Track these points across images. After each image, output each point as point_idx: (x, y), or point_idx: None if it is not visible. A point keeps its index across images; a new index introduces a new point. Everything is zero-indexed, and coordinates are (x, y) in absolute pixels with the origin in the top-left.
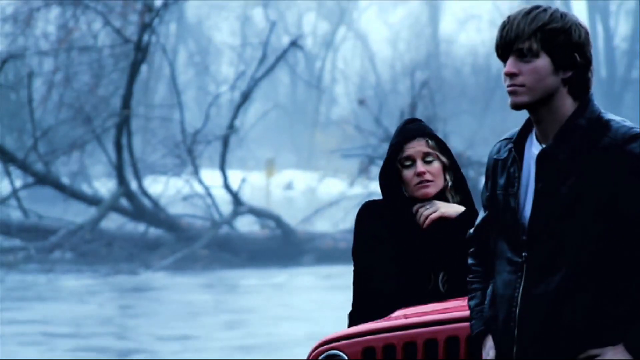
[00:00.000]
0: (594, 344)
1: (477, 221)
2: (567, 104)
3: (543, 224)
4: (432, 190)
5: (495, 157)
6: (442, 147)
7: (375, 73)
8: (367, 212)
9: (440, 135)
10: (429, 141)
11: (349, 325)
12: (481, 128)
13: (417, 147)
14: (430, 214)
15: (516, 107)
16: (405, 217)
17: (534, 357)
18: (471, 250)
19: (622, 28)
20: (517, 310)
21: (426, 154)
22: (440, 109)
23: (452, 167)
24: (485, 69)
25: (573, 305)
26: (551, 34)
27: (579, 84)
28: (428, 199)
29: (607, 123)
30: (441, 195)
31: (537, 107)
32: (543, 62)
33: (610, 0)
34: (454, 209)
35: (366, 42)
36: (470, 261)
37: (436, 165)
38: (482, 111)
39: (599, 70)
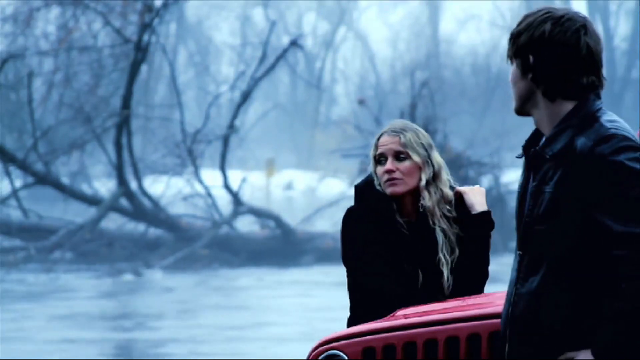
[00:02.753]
0: (572, 346)
1: None
2: (550, 107)
3: (530, 224)
4: (400, 188)
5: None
6: (419, 145)
7: (375, 73)
8: (352, 217)
9: (440, 135)
10: (402, 138)
11: None
12: (481, 128)
13: (389, 144)
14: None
15: (515, 113)
16: (389, 217)
17: (518, 356)
18: None
19: (622, 28)
20: (510, 309)
21: (398, 152)
22: (440, 109)
23: (430, 165)
24: (485, 69)
25: (551, 305)
26: (516, 38)
27: (548, 85)
28: (397, 197)
29: (593, 123)
30: (415, 194)
31: (526, 112)
32: (513, 67)
33: (610, 0)
34: (482, 204)
35: (366, 42)
36: None
37: (407, 163)
38: (482, 111)
39: None
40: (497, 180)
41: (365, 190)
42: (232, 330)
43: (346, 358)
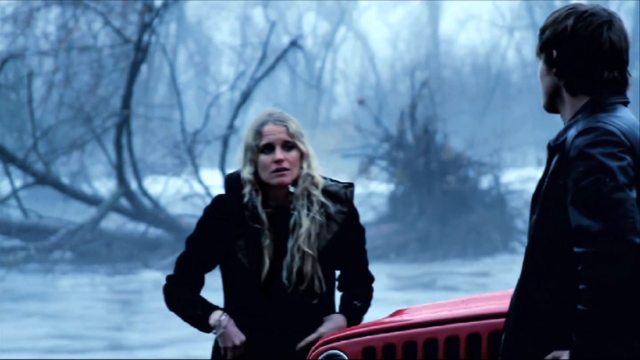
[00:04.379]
0: (559, 345)
1: None
2: (572, 102)
3: (529, 218)
4: (288, 179)
5: None
6: (301, 134)
7: (375, 73)
8: (213, 206)
9: (440, 135)
10: (290, 128)
11: (166, 285)
12: (481, 128)
13: (277, 134)
14: None
15: (544, 109)
16: (255, 206)
17: (506, 355)
18: None
19: None
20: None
21: (286, 142)
22: (440, 109)
23: (307, 153)
24: (485, 69)
25: (530, 302)
26: (541, 33)
27: (570, 79)
28: (283, 187)
29: (592, 117)
30: (295, 184)
31: (555, 108)
32: (541, 63)
33: (610, 0)
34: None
35: (366, 42)
36: None
37: (294, 153)
38: (482, 111)
39: None
40: (497, 180)
41: (234, 180)
42: None
43: (346, 358)
